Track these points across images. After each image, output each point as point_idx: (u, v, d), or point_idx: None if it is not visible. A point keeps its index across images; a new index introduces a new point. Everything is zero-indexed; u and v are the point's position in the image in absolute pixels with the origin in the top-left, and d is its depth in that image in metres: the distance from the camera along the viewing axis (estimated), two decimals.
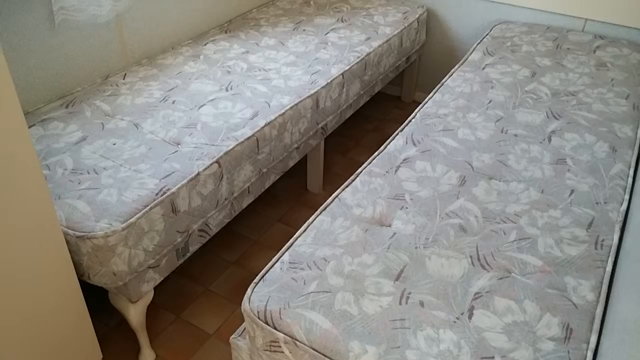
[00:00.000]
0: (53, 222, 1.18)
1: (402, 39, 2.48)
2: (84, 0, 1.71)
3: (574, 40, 2.30)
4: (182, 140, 1.61)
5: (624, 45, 2.25)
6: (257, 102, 1.82)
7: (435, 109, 1.86)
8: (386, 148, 1.67)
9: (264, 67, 2.03)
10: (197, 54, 2.10)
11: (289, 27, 2.38)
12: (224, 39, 2.24)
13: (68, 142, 1.57)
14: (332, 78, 2.02)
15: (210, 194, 1.55)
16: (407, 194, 1.46)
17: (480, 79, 2.04)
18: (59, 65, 1.77)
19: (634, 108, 1.86)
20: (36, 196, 1.12)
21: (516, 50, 2.25)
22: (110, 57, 1.94)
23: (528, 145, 1.66)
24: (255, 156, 1.71)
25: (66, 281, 1.27)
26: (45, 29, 1.69)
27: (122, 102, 1.77)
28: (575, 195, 1.46)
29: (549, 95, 1.93)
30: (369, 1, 2.67)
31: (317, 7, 2.60)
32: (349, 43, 2.26)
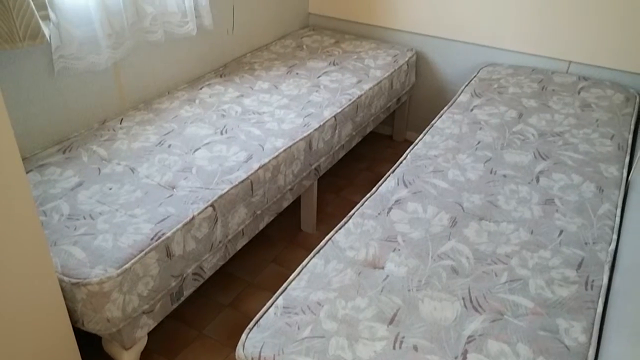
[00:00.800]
0: (49, 270, 1.19)
1: (393, 81, 2.55)
2: (83, 48, 1.76)
3: (559, 82, 2.38)
4: (178, 184, 1.63)
5: (607, 86, 2.33)
6: (251, 145, 1.85)
7: (425, 150, 1.90)
8: (378, 189, 1.70)
9: (257, 111, 2.08)
10: (192, 98, 2.15)
11: (282, 70, 2.44)
12: (219, 83, 2.29)
13: (65, 187, 1.59)
14: (325, 120, 2.06)
15: (204, 237, 1.57)
16: (400, 236, 1.48)
17: (469, 120, 2.09)
18: (57, 112, 1.81)
19: (618, 148, 1.91)
20: (33, 244, 1.13)
21: (503, 92, 2.31)
22: (108, 102, 1.98)
23: (517, 186, 1.70)
24: (249, 199, 1.73)
25: (60, 329, 1.26)
26: (44, 76, 1.73)
27: (119, 147, 1.80)
28: (564, 236, 1.49)
29: (535, 136, 1.98)
30: (360, 45, 2.75)
31: (309, 51, 2.67)
32: (340, 86, 2.32)
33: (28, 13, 1.44)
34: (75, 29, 1.72)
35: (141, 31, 1.97)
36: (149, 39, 2.00)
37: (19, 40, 1.45)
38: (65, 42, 1.71)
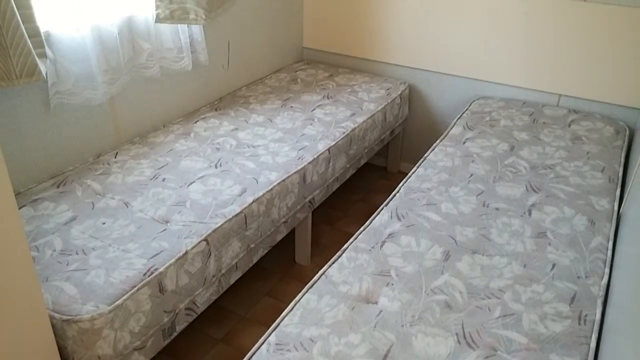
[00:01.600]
0: (40, 307, 1.18)
1: (386, 114, 2.58)
2: (79, 84, 1.78)
3: (550, 115, 2.42)
4: (171, 218, 1.63)
5: (597, 119, 2.36)
6: (246, 178, 1.86)
7: (418, 183, 1.92)
8: (372, 223, 1.70)
9: (252, 144, 2.10)
10: (187, 131, 2.17)
11: (276, 104, 2.48)
12: (214, 116, 2.32)
13: (58, 222, 1.59)
14: (319, 153, 2.08)
15: (198, 272, 1.56)
16: (393, 270, 1.48)
17: (461, 153, 2.11)
18: (52, 146, 1.82)
19: (609, 181, 1.93)
20: (24, 282, 1.13)
21: (495, 124, 2.34)
22: (103, 136, 2.00)
23: (509, 219, 1.71)
24: (243, 232, 1.73)
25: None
26: (40, 112, 1.75)
27: (113, 181, 1.80)
28: (557, 269, 1.49)
29: (527, 168, 2.00)
30: (354, 79, 2.80)
31: (304, 84, 2.71)
32: (334, 119, 2.35)
33: (25, 51, 1.47)
34: (71, 65, 1.74)
35: (137, 67, 2.00)
36: (145, 74, 2.03)
37: (16, 78, 1.47)
38: (62, 78, 1.73)
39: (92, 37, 1.78)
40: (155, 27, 2.03)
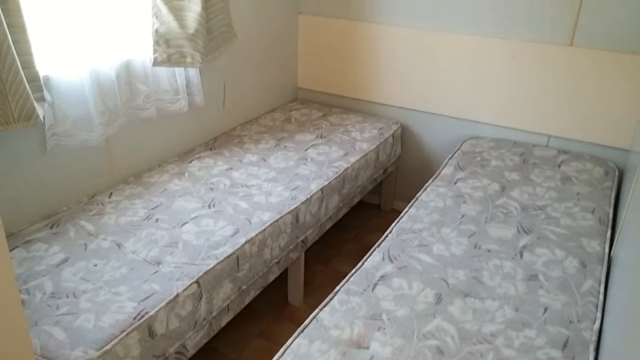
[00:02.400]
0: (28, 353, 1.17)
1: (379, 153, 2.61)
2: (76, 126, 1.81)
3: (540, 155, 2.45)
4: (163, 259, 1.63)
5: (586, 159, 2.40)
6: (239, 219, 1.87)
7: (410, 223, 1.93)
8: (363, 265, 1.70)
9: (246, 184, 2.12)
10: (182, 171, 2.19)
11: (271, 143, 2.51)
12: (209, 155, 2.34)
13: (50, 264, 1.58)
14: (312, 193, 2.10)
15: (188, 315, 1.55)
16: (385, 314, 1.48)
17: (453, 193, 2.13)
18: (47, 187, 1.83)
19: (600, 222, 1.95)
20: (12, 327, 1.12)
21: (486, 164, 2.38)
22: (98, 177, 2.01)
23: (501, 261, 1.72)
24: (235, 274, 1.73)
25: None
26: (36, 153, 1.77)
27: (106, 222, 1.81)
28: (549, 314, 1.49)
29: (518, 209, 2.02)
30: (347, 118, 2.84)
31: (298, 124, 2.75)
32: (327, 159, 2.38)
33: (24, 96, 1.50)
34: (69, 108, 1.77)
35: (134, 108, 2.04)
36: (141, 115, 2.06)
37: (13, 122, 1.49)
38: (59, 121, 1.76)
39: (90, 81, 1.81)
40: (152, 70, 2.07)
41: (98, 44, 1.86)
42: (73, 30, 1.77)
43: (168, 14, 1.99)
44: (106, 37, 1.89)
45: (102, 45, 1.88)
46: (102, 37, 1.87)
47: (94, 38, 1.85)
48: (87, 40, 1.82)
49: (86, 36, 1.82)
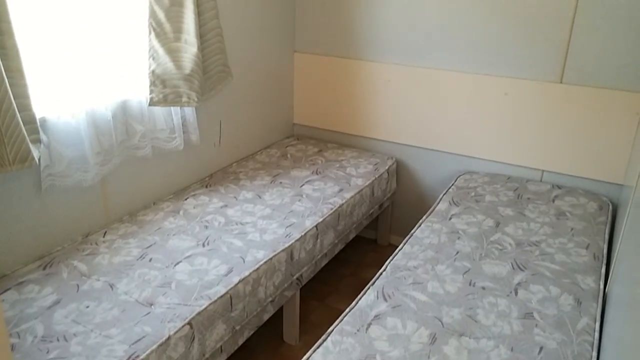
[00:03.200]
0: None
1: (374, 189, 2.62)
2: (71, 166, 1.82)
3: (534, 190, 2.46)
4: (156, 300, 1.63)
5: (580, 194, 2.41)
6: (232, 257, 1.87)
7: (405, 260, 1.93)
8: (357, 304, 1.69)
9: (240, 221, 2.12)
10: (177, 209, 2.20)
11: (266, 180, 2.52)
12: (204, 193, 2.35)
13: (42, 306, 1.57)
14: (306, 230, 2.10)
15: (180, 357, 1.54)
16: (379, 355, 1.46)
17: (447, 229, 2.14)
18: (41, 228, 1.84)
19: (594, 258, 1.95)
20: None
21: (480, 200, 2.38)
22: (92, 216, 2.02)
23: (496, 299, 1.71)
24: (228, 314, 1.72)
25: None
26: (31, 194, 1.78)
27: (100, 262, 1.81)
28: (544, 353, 1.48)
29: (513, 245, 2.02)
30: (342, 154, 2.86)
31: (293, 160, 2.78)
32: (322, 195, 2.39)
33: (19, 139, 1.52)
34: (65, 149, 1.79)
35: (130, 148, 2.06)
36: (137, 154, 2.08)
37: (9, 165, 1.51)
38: (55, 161, 1.78)
39: (87, 121, 1.84)
40: (148, 109, 2.10)
41: (95, 84, 1.90)
42: (70, 71, 1.81)
43: (165, 56, 2.04)
44: (103, 77, 1.92)
45: (99, 85, 1.91)
46: (99, 77, 1.91)
47: (91, 79, 1.88)
48: (84, 81, 1.86)
49: (83, 77, 1.85)
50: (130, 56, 2.03)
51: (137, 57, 2.05)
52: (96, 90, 1.90)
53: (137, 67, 2.06)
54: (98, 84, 1.91)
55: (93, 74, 1.89)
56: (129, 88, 2.03)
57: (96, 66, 1.90)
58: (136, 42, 2.03)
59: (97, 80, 1.91)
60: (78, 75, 1.84)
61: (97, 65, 1.90)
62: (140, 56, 2.05)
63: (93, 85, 1.89)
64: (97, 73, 1.90)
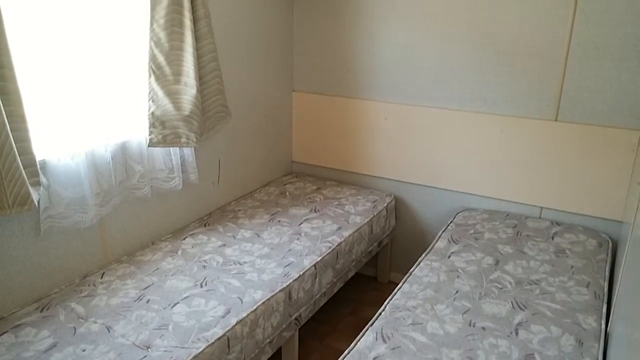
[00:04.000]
0: None
1: (372, 226, 2.63)
2: (70, 208, 1.83)
3: (533, 227, 2.46)
4: (153, 343, 1.61)
5: (580, 231, 2.41)
6: (230, 298, 1.86)
7: (404, 300, 1.91)
8: (356, 345, 1.67)
9: (239, 261, 2.12)
10: (175, 248, 2.20)
11: (265, 218, 2.53)
12: (203, 232, 2.36)
13: (38, 349, 1.56)
14: (305, 270, 2.09)
15: None
16: None
17: (447, 267, 2.13)
18: (39, 269, 1.83)
19: (595, 297, 1.93)
20: None
21: (479, 237, 2.38)
22: (90, 257, 2.02)
23: (496, 340, 1.69)
24: (225, 356, 1.70)
25: None
26: (30, 236, 1.78)
27: (97, 303, 1.80)
28: None
29: (513, 284, 2.01)
30: (341, 191, 2.88)
31: (292, 197, 2.79)
32: (321, 233, 2.39)
33: (19, 182, 1.53)
34: (64, 191, 1.81)
35: (128, 188, 2.07)
36: (136, 194, 2.10)
37: (8, 208, 1.52)
38: (54, 203, 1.79)
39: (87, 163, 1.86)
40: (147, 150, 2.13)
41: (95, 126, 1.93)
42: (71, 113, 1.84)
43: (164, 98, 2.07)
44: (103, 119, 1.96)
45: (99, 127, 1.94)
46: (99, 119, 1.94)
47: (91, 120, 1.91)
48: (85, 123, 1.89)
49: (84, 119, 1.88)
50: (130, 98, 2.06)
51: (137, 99, 2.09)
52: (96, 131, 1.93)
53: (137, 108, 2.10)
54: (98, 125, 1.94)
55: (93, 115, 1.92)
56: (128, 129, 2.06)
57: (96, 108, 1.93)
58: (136, 85, 2.07)
59: (97, 121, 1.94)
60: (78, 117, 1.87)
61: (98, 107, 1.94)
62: (140, 98, 2.09)
63: (93, 127, 1.92)
64: (98, 115, 1.94)
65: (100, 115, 1.95)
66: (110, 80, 1.97)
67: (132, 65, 2.05)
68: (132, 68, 2.05)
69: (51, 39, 1.75)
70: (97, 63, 1.91)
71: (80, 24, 1.83)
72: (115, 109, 2.01)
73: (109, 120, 1.98)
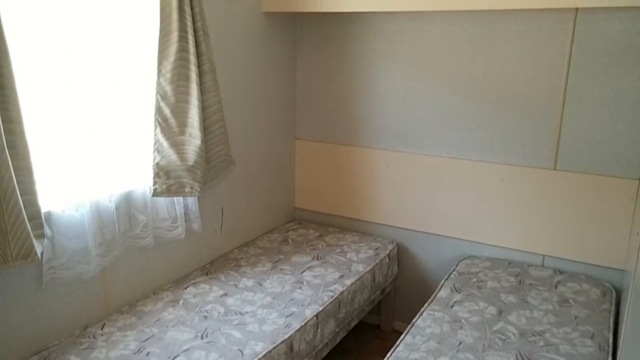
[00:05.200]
0: None
1: (375, 274, 2.62)
2: (73, 259, 1.85)
3: (535, 276, 2.45)
4: None
5: (582, 280, 2.39)
6: (231, 350, 1.84)
7: (407, 353, 1.89)
8: None
9: (240, 311, 2.11)
10: (176, 298, 2.19)
11: (267, 266, 2.53)
12: (205, 281, 2.35)
13: None
14: (306, 320, 2.08)
15: None
16: None
17: (450, 318, 2.11)
18: (40, 321, 1.83)
19: (600, 349, 1.90)
20: None
21: (482, 286, 2.37)
22: (92, 308, 2.01)
23: None
24: None
25: None
26: (32, 288, 1.79)
27: (97, 356, 1.78)
28: None
29: (516, 335, 1.98)
30: (343, 238, 2.88)
31: (294, 245, 2.79)
32: (323, 281, 2.38)
33: (23, 235, 1.55)
34: (68, 241, 1.83)
35: (131, 238, 2.09)
36: (138, 244, 2.11)
37: (11, 261, 1.53)
38: (57, 254, 1.80)
39: (91, 213, 1.88)
40: (152, 199, 2.15)
41: (100, 176, 1.96)
42: (77, 164, 1.88)
43: (169, 149, 2.12)
44: (108, 170, 1.99)
45: (104, 177, 1.98)
46: (104, 170, 1.98)
47: (97, 171, 1.95)
48: (90, 173, 1.93)
49: (89, 169, 1.92)
50: (135, 148, 2.11)
51: (142, 150, 2.13)
52: (101, 181, 1.96)
53: (142, 158, 2.14)
54: (103, 175, 1.97)
55: (99, 166, 1.96)
56: (133, 179, 2.10)
57: (102, 159, 1.97)
58: (141, 135, 2.12)
59: (103, 172, 1.97)
60: (84, 167, 1.91)
61: (103, 157, 1.98)
62: (144, 148, 2.13)
63: (98, 177, 1.96)
64: (103, 165, 1.98)
65: (106, 165, 1.99)
66: (115, 131, 2.02)
67: (137, 117, 2.10)
68: (138, 119, 2.10)
69: (59, 91, 1.81)
70: (104, 115, 1.97)
71: (87, 76, 1.89)
72: (120, 160, 2.05)
73: (114, 171, 2.02)
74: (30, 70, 1.71)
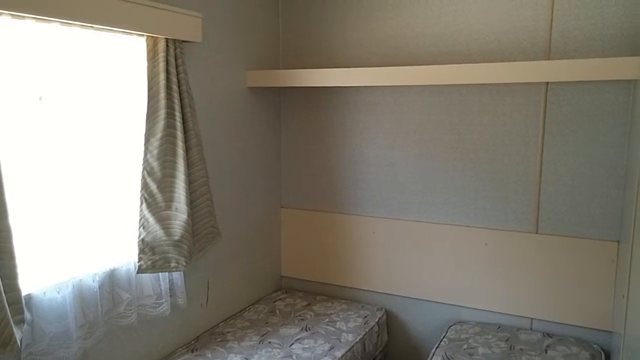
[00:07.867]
0: None
1: (365, 343, 2.57)
2: (53, 343, 1.78)
3: (525, 340, 2.43)
4: None
5: (572, 343, 2.38)
6: None
7: None
8: None
9: None
10: None
11: (254, 340, 2.47)
12: (190, 359, 2.28)
13: None
14: None
15: None
16: None
17: None
18: None
19: None
20: None
21: (473, 353, 2.34)
22: None
23: None
24: None
25: None
26: None
27: None
28: None
29: None
30: (331, 307, 2.84)
31: (282, 315, 2.74)
32: (313, 355, 2.33)
33: (3, 322, 1.51)
34: (48, 325, 1.77)
35: (114, 317, 2.04)
36: (122, 323, 2.05)
37: None
38: (37, 339, 1.75)
39: (73, 295, 1.84)
40: (136, 276, 2.12)
41: (83, 254, 1.93)
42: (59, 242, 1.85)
43: (155, 224, 2.11)
44: (92, 248, 1.96)
45: (87, 256, 1.94)
46: (87, 248, 1.95)
47: (80, 249, 1.92)
48: (73, 252, 1.89)
49: (72, 247, 1.89)
50: (119, 225, 2.09)
51: (126, 226, 2.12)
52: (84, 260, 1.93)
53: (126, 235, 2.12)
54: (86, 254, 1.94)
55: (82, 244, 1.93)
56: (117, 256, 2.07)
57: (85, 236, 1.95)
58: (125, 211, 2.11)
59: (86, 249, 1.94)
60: (67, 245, 1.87)
61: (86, 235, 1.95)
62: (128, 224, 2.12)
63: (81, 255, 1.92)
64: (86, 243, 1.95)
65: (89, 243, 1.96)
66: (99, 209, 2.01)
67: (122, 193, 2.10)
68: (122, 196, 2.10)
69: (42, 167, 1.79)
70: (88, 192, 1.96)
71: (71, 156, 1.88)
72: (104, 237, 2.03)
73: (97, 248, 1.99)
74: (12, 149, 1.70)
